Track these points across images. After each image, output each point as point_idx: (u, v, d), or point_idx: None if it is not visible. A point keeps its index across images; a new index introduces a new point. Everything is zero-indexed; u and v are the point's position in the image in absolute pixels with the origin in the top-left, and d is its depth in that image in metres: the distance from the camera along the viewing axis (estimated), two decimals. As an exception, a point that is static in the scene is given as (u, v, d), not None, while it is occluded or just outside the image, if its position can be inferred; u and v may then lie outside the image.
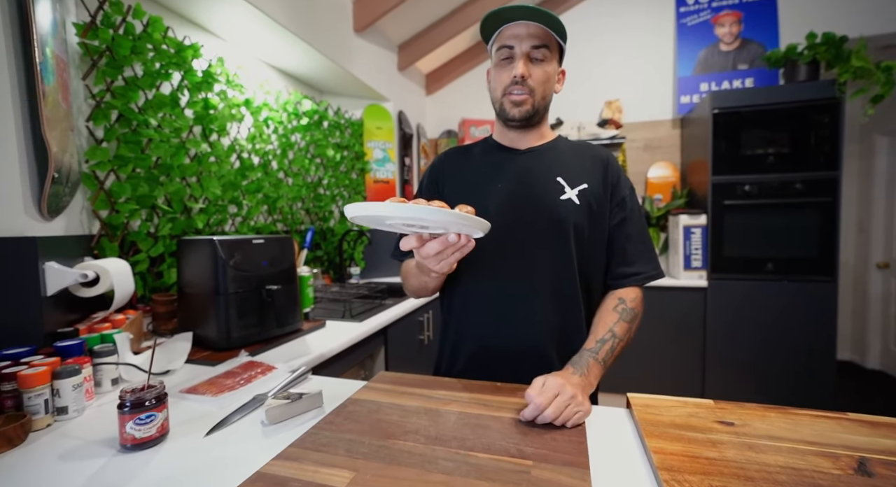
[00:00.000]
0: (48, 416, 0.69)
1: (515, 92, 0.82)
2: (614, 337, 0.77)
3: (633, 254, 0.85)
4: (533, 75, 0.81)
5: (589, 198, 0.84)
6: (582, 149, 0.90)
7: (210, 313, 1.11)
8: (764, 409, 0.68)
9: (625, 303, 0.82)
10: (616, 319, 0.80)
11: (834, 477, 0.49)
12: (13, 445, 0.62)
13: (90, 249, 1.14)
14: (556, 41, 0.82)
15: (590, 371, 0.72)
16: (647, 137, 2.79)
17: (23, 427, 0.63)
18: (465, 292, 0.88)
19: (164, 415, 0.64)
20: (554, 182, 0.84)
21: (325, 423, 0.66)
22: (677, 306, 2.29)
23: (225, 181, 1.62)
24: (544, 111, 0.87)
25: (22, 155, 0.88)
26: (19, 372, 0.68)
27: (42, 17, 0.89)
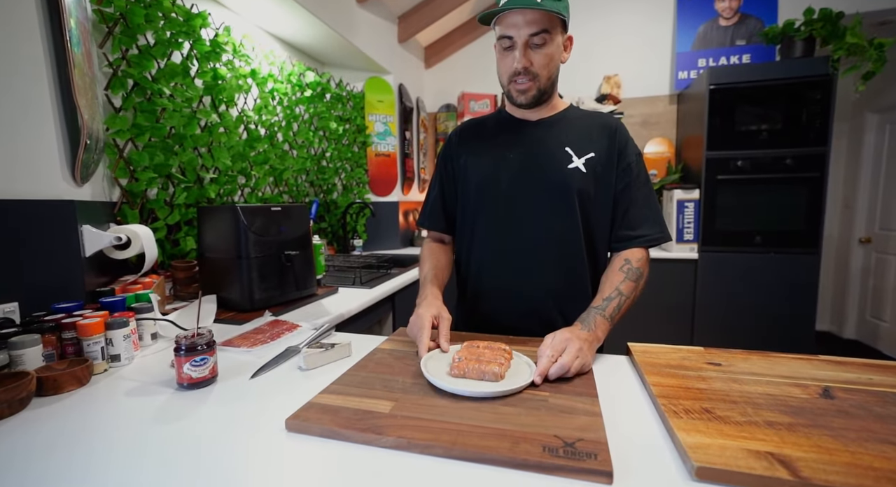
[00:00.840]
0: (104, 362, 0.76)
1: (520, 81, 0.86)
2: (620, 295, 0.83)
3: (638, 218, 0.90)
4: (534, 62, 0.84)
5: (595, 165, 0.89)
6: (591, 118, 0.95)
7: (233, 276, 1.17)
8: (747, 353, 0.77)
9: (630, 263, 0.87)
10: (622, 278, 0.85)
11: (802, 400, 0.58)
12: (82, 384, 0.69)
13: (113, 216, 1.18)
14: (556, 18, 0.83)
15: (597, 326, 0.78)
16: (645, 113, 2.82)
17: (88, 369, 0.70)
18: (480, 255, 0.96)
19: (214, 359, 0.71)
20: (562, 151, 0.90)
21: (357, 367, 0.74)
22: (669, 277, 2.40)
23: (234, 152, 1.65)
24: (552, 88, 0.91)
25: (58, 122, 0.91)
26: (78, 322, 0.74)
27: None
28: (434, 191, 1.05)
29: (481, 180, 0.94)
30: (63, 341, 0.75)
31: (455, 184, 1.01)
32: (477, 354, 0.70)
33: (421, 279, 0.96)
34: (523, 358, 0.74)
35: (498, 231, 0.93)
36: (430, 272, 0.95)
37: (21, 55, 0.89)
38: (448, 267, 1.01)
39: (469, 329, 0.99)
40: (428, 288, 0.91)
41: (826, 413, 0.55)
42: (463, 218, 0.99)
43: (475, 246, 0.96)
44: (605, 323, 0.80)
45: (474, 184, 0.95)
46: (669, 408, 0.57)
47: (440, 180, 1.04)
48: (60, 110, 0.93)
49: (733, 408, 0.56)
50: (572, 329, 0.76)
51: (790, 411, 0.55)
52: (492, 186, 0.93)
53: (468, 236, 0.98)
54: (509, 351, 0.74)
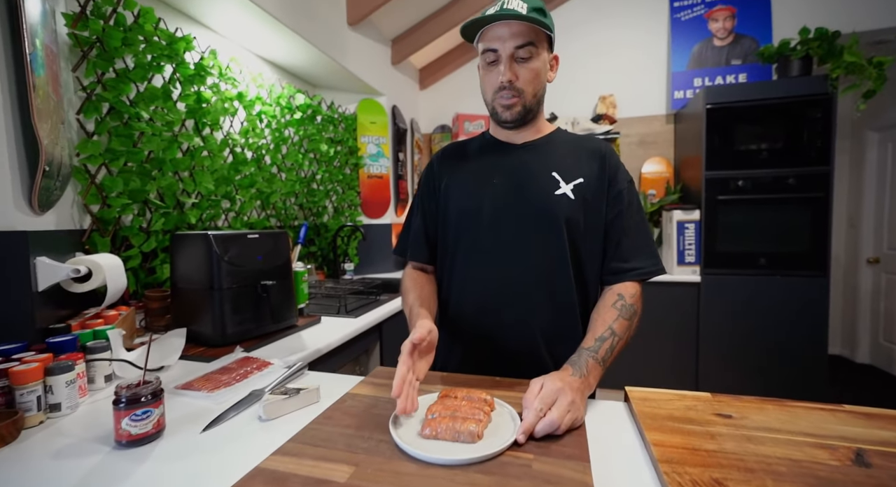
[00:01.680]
0: (41, 413, 0.68)
1: (504, 96, 0.81)
2: (614, 335, 0.75)
3: (630, 249, 0.83)
4: (520, 77, 0.79)
5: (584, 192, 0.82)
6: (579, 142, 0.89)
7: (205, 309, 1.09)
8: (761, 402, 0.69)
9: (624, 300, 0.79)
10: (615, 316, 0.77)
11: (832, 468, 0.50)
12: (5, 442, 0.61)
13: (81, 244, 1.12)
14: (542, 33, 0.80)
15: (589, 371, 0.69)
16: (642, 132, 2.79)
17: (15, 424, 0.62)
18: (461, 288, 0.88)
19: (160, 411, 0.63)
20: (549, 177, 0.83)
21: (323, 418, 0.66)
22: (671, 301, 2.31)
23: (218, 175, 1.60)
24: (538, 107, 0.85)
25: (12, 147, 0.86)
26: (11, 369, 0.66)
27: (32, 7, 0.86)
28: (415, 218, 0.98)
29: (463, 207, 0.87)
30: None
31: (436, 211, 0.94)
32: (453, 408, 0.62)
33: (407, 309, 0.87)
34: (507, 409, 0.65)
35: (480, 262, 0.85)
36: (416, 301, 0.86)
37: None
38: (433, 296, 0.92)
39: (450, 369, 0.90)
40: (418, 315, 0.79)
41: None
42: (444, 247, 0.92)
43: (456, 279, 0.89)
44: (598, 367, 0.71)
45: (455, 211, 0.88)
46: (674, 479, 0.48)
47: (421, 207, 0.97)
48: (17, 135, 0.87)
49: (751, 479, 0.48)
50: (562, 375, 0.67)
51: (819, 484, 0.47)
52: (474, 214, 0.86)
53: (448, 267, 0.91)
54: (491, 401, 0.66)
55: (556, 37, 0.84)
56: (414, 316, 0.80)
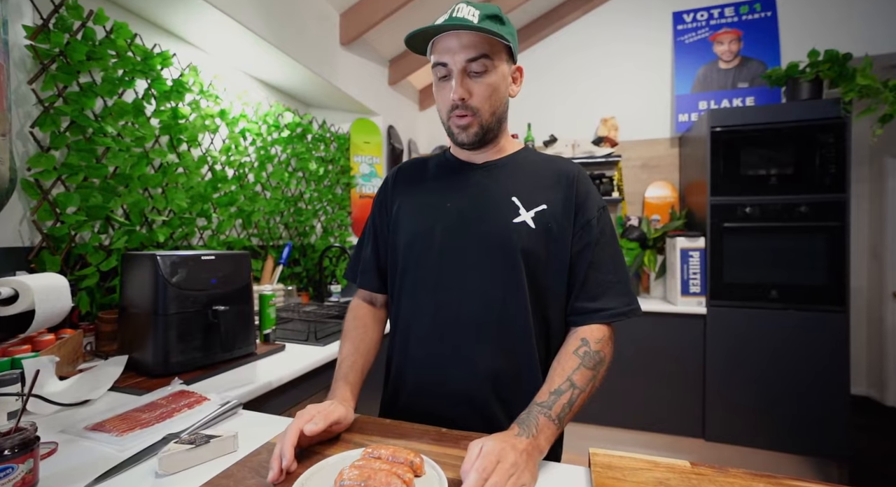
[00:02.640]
0: None
1: (458, 115, 0.73)
2: (573, 388, 0.64)
3: (599, 286, 0.72)
4: (474, 93, 0.71)
5: (548, 220, 0.73)
6: (546, 163, 0.80)
7: (148, 335, 1.01)
8: (751, 478, 0.56)
9: (588, 345, 0.69)
10: (576, 365, 0.67)
11: None
12: None
13: (27, 262, 1.06)
14: (499, 43, 0.71)
15: (539, 431, 0.59)
16: (645, 156, 2.70)
17: None
18: (406, 322, 0.79)
19: (27, 466, 0.54)
20: (508, 202, 0.74)
21: (224, 476, 0.56)
22: (675, 334, 2.15)
23: (194, 193, 1.55)
24: (498, 124, 0.77)
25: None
26: None
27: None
28: (367, 243, 0.89)
29: (412, 233, 0.78)
30: None
31: (387, 235, 0.85)
32: (367, 474, 0.51)
33: (337, 364, 0.78)
34: (437, 472, 0.55)
35: (427, 295, 0.76)
36: (347, 359, 0.78)
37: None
38: (375, 344, 0.84)
39: (393, 415, 0.79)
40: (337, 387, 0.73)
41: None
42: (392, 277, 0.83)
43: (402, 312, 0.79)
44: (551, 425, 0.61)
45: (404, 237, 0.79)
46: None
47: (373, 229, 0.88)
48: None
49: None
50: (506, 435, 0.57)
51: None
52: (423, 241, 0.77)
53: (396, 298, 0.81)
54: (419, 464, 0.55)
55: (519, 49, 0.77)
56: (334, 384, 0.72)
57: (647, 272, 2.51)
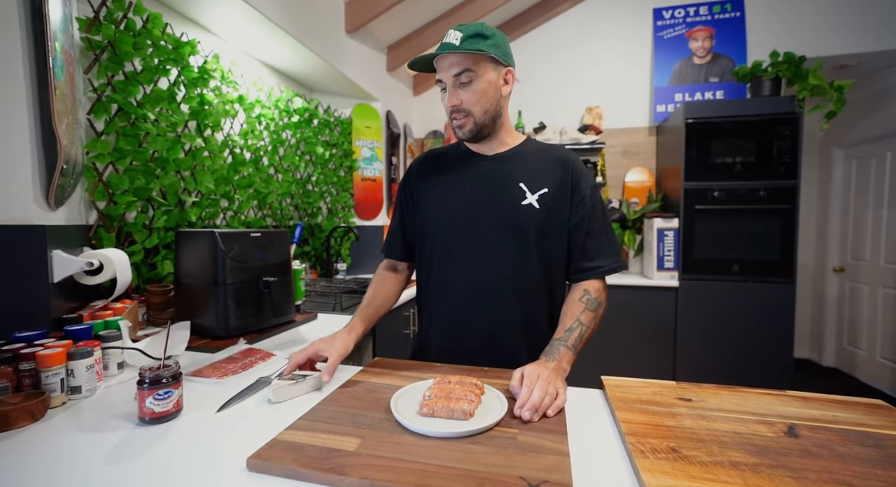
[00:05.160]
0: (63, 395, 0.73)
1: (456, 118, 0.90)
2: (581, 325, 0.85)
3: (593, 249, 0.92)
4: (464, 99, 0.87)
5: (549, 201, 0.91)
6: (546, 152, 0.96)
7: (209, 303, 1.14)
8: (718, 388, 0.78)
9: (589, 294, 0.89)
10: (582, 309, 0.87)
11: (768, 439, 0.59)
12: (35, 419, 0.66)
13: (88, 239, 1.16)
14: (483, 56, 0.85)
15: (561, 357, 0.79)
16: (626, 143, 2.92)
17: (43, 402, 0.68)
18: (437, 285, 0.98)
19: (179, 392, 0.69)
20: (516, 188, 0.91)
21: (328, 401, 0.73)
22: (651, 305, 2.43)
23: (218, 175, 1.65)
24: (492, 121, 0.91)
25: (34, 146, 0.91)
26: (37, 352, 0.71)
27: (54, 13, 0.92)
28: (395, 221, 1.07)
29: (439, 214, 0.96)
30: (20, 373, 0.72)
31: (414, 215, 1.02)
32: (447, 391, 0.69)
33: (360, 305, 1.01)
34: (495, 392, 0.73)
35: (455, 264, 0.94)
36: (366, 300, 1.00)
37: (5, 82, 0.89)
38: (392, 295, 1.05)
39: (426, 356, 1.00)
40: (355, 318, 0.96)
41: (790, 453, 0.55)
42: (421, 249, 1.01)
43: (433, 279, 0.98)
44: (569, 353, 0.81)
45: (432, 217, 0.97)
46: (637, 447, 0.57)
47: (400, 210, 1.06)
48: (38, 135, 0.92)
49: (700, 447, 0.56)
50: (538, 362, 0.77)
51: (755, 450, 0.55)
52: (448, 220, 0.95)
53: (427, 268, 1.00)
54: (481, 385, 0.73)
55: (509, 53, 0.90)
56: (354, 316, 0.97)
57: (626, 250, 2.77)
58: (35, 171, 0.92)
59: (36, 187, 0.93)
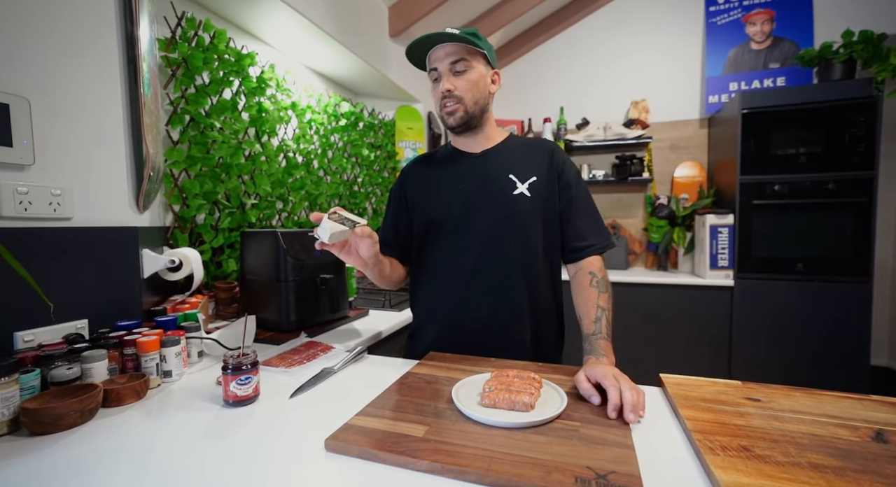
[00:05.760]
0: (158, 378, 0.82)
1: (447, 104, 0.94)
2: (604, 311, 0.87)
3: (584, 229, 0.97)
4: (458, 86, 0.92)
5: (538, 188, 0.96)
6: (530, 144, 1.03)
7: (272, 298, 1.22)
8: (789, 389, 0.74)
9: (596, 276, 0.92)
10: (597, 294, 0.90)
11: (851, 443, 0.56)
12: (139, 398, 0.75)
13: (166, 239, 1.28)
14: (476, 51, 0.92)
15: (606, 352, 0.79)
16: (674, 137, 2.80)
17: (145, 384, 0.76)
18: (435, 282, 1.01)
19: (257, 379, 0.75)
20: (507, 179, 0.96)
21: (391, 391, 0.76)
22: (702, 305, 2.32)
23: (273, 179, 1.75)
24: (481, 113, 0.97)
25: (127, 156, 1.02)
26: (138, 339, 0.80)
27: (143, 37, 1.02)
28: (387, 221, 1.11)
29: (434, 210, 1.00)
30: (124, 356, 0.81)
31: (408, 216, 1.06)
32: (507, 383, 0.71)
33: None
34: (552, 386, 0.74)
35: (454, 258, 0.98)
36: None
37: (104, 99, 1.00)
38: (400, 268, 1.07)
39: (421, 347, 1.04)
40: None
41: (879, 459, 0.52)
42: (418, 248, 1.04)
43: (431, 274, 1.01)
44: (609, 344, 0.83)
45: (427, 214, 1.01)
46: (705, 444, 0.56)
47: (393, 212, 1.09)
48: (130, 146, 1.03)
49: (774, 447, 0.55)
50: (592, 363, 0.76)
51: (838, 453, 0.53)
52: (445, 216, 0.99)
53: (424, 265, 1.03)
54: (539, 379, 0.74)
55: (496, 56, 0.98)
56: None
57: (675, 248, 2.66)
58: (128, 179, 1.03)
59: (129, 192, 1.04)
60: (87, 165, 0.98)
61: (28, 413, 0.65)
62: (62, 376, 0.74)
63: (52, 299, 0.72)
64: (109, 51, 1.01)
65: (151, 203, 1.13)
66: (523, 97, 3.14)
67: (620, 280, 2.41)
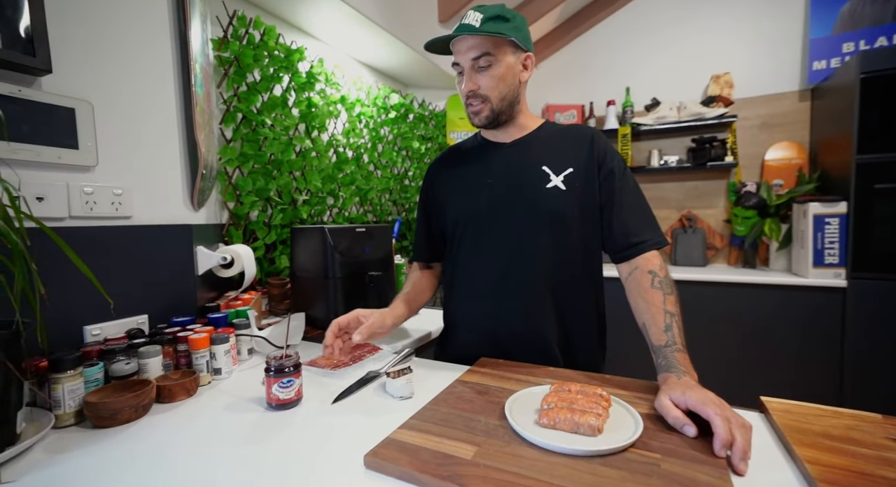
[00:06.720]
0: (208, 375, 0.82)
1: (471, 104, 0.87)
2: (673, 317, 0.73)
3: (634, 223, 0.84)
4: (482, 84, 0.84)
5: (575, 180, 0.85)
6: (566, 132, 0.91)
7: (320, 295, 1.21)
8: (953, 427, 0.57)
9: (657, 275, 0.78)
10: (661, 296, 0.76)
11: None
12: (190, 395, 0.75)
13: (222, 236, 1.31)
14: (502, 40, 0.82)
15: (687, 368, 0.65)
16: (765, 114, 2.44)
17: (196, 381, 0.76)
18: (463, 286, 0.94)
19: (299, 382, 0.72)
20: (539, 171, 0.87)
21: (438, 401, 0.69)
22: (804, 310, 1.98)
23: (324, 174, 1.75)
24: (510, 107, 0.88)
25: (182, 155, 1.04)
26: (189, 337, 0.81)
27: (195, 39, 1.03)
28: (420, 223, 1.06)
29: (460, 208, 0.93)
30: (178, 353, 0.82)
31: (437, 217, 1.00)
32: (569, 400, 0.61)
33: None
34: (623, 406, 0.63)
35: (481, 259, 0.90)
36: (404, 289, 0.99)
37: (158, 99, 1.03)
38: (428, 288, 1.03)
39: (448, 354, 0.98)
40: (397, 300, 0.96)
41: None
42: (450, 249, 0.98)
43: (459, 276, 0.94)
44: (686, 356, 0.69)
45: (454, 212, 0.94)
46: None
47: (424, 212, 1.04)
48: (184, 145, 1.05)
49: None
50: (675, 383, 0.62)
51: None
52: (471, 213, 0.91)
53: (451, 265, 0.97)
54: (607, 397, 0.63)
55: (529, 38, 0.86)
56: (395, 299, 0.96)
57: (766, 242, 2.32)
58: (183, 177, 1.06)
59: (184, 191, 1.06)
60: (144, 165, 1.01)
61: (88, 406, 0.67)
62: (121, 371, 0.75)
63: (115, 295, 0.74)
64: (163, 52, 1.03)
65: (206, 200, 1.16)
66: (583, 80, 2.91)
67: (697, 278, 2.15)
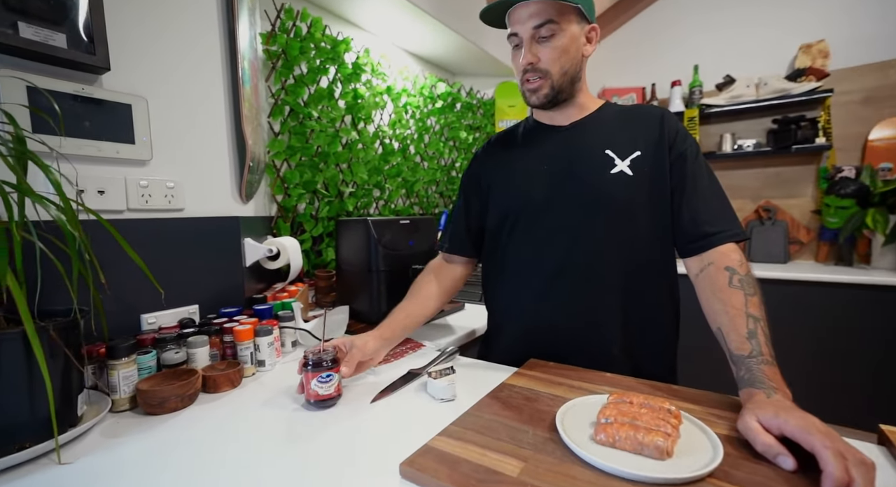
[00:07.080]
0: (252, 367, 0.82)
1: (529, 79, 0.78)
2: (757, 322, 0.62)
3: (707, 211, 0.75)
4: (542, 57, 0.76)
5: (643, 165, 0.77)
6: (632, 112, 0.83)
7: (363, 289, 1.19)
8: None
9: (736, 272, 0.68)
10: (742, 297, 0.65)
11: None
12: (234, 386, 0.76)
13: (270, 229, 1.33)
14: (567, 6, 0.74)
15: (778, 383, 0.55)
16: (869, 87, 2.09)
17: (240, 373, 0.77)
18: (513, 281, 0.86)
19: (339, 377, 0.70)
20: (602, 155, 0.78)
21: (482, 406, 0.64)
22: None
23: (370, 166, 1.74)
24: (570, 85, 0.80)
25: (230, 148, 1.06)
26: (234, 328, 0.81)
27: (242, 33, 1.04)
28: (458, 212, 0.97)
29: (512, 196, 0.85)
30: (224, 343, 0.83)
31: (483, 206, 0.92)
32: (631, 415, 0.52)
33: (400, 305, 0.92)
34: (695, 423, 0.54)
35: (536, 252, 0.82)
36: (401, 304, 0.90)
37: (207, 94, 1.05)
38: (436, 295, 0.94)
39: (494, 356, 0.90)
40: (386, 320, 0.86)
41: None
42: (494, 244, 0.89)
43: (508, 271, 0.86)
44: (775, 368, 0.58)
45: (504, 201, 0.86)
46: None
47: (464, 201, 0.95)
48: (232, 138, 1.07)
49: None
50: (765, 402, 0.51)
51: None
52: (524, 202, 0.83)
53: (499, 260, 0.88)
54: (677, 413, 0.54)
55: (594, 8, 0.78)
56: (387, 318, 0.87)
57: (868, 236, 2.01)
58: (231, 170, 1.08)
59: (233, 184, 1.08)
60: (194, 158, 1.04)
61: (140, 393, 0.68)
62: (171, 359, 0.77)
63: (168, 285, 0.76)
64: (212, 47, 1.05)
65: (254, 193, 1.18)
66: (644, 59, 2.69)
67: (776, 276, 1.91)
